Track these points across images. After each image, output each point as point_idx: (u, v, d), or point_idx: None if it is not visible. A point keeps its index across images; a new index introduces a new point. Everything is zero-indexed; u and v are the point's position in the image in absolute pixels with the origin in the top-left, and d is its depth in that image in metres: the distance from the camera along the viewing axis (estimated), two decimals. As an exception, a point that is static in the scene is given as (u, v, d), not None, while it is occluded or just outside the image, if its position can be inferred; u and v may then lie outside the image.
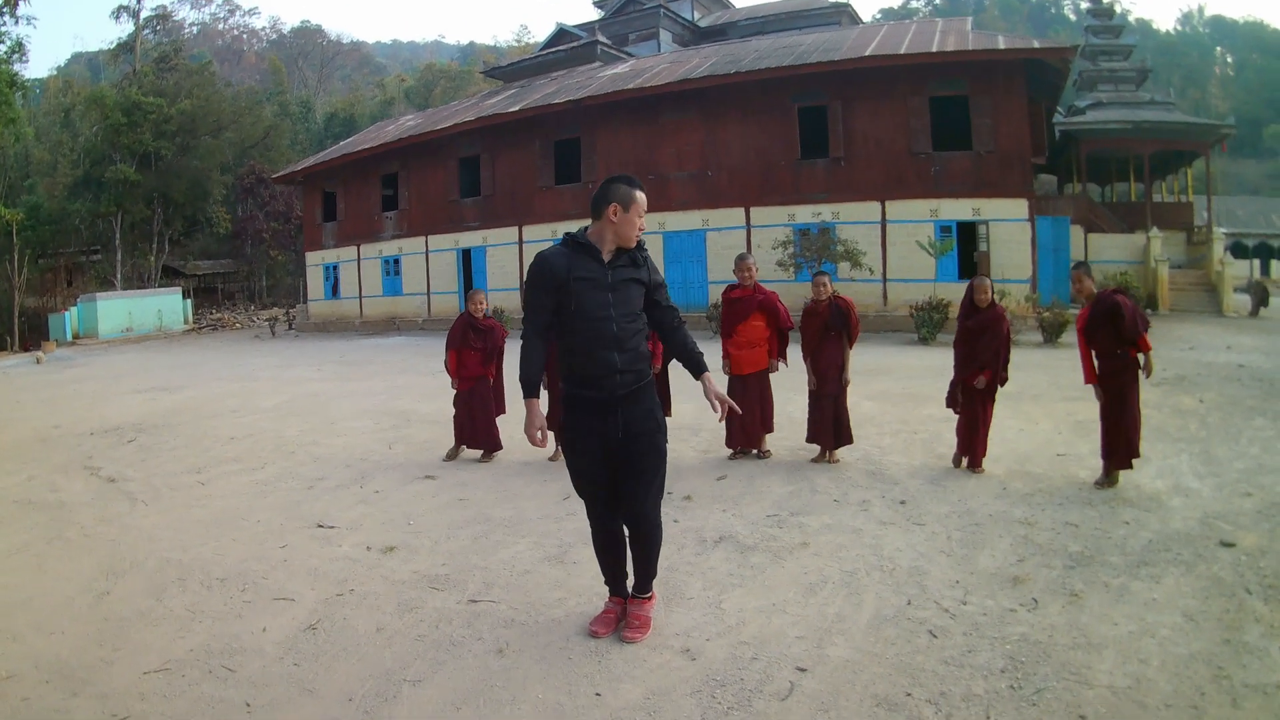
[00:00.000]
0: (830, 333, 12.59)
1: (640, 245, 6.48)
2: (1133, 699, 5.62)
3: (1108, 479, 10.81)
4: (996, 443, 12.30)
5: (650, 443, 6.45)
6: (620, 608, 6.93)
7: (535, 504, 10.81)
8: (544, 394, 9.81)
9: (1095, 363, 11.10)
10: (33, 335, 54.61)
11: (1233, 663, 6.08)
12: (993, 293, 12.12)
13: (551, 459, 13.18)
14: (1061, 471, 11.74)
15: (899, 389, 19.12)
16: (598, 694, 5.83)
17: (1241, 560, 8.15)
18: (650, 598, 6.92)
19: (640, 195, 6.36)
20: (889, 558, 8.45)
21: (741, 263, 12.75)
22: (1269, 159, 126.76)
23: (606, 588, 7.07)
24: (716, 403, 6.51)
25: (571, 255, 6.34)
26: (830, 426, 12.54)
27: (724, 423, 12.27)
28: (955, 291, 25.73)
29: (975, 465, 11.85)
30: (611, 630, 6.75)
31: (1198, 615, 6.90)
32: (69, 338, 52.56)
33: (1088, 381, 11.22)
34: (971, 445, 11.88)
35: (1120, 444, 10.76)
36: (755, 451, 13.05)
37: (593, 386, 6.33)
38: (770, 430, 13.12)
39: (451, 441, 13.95)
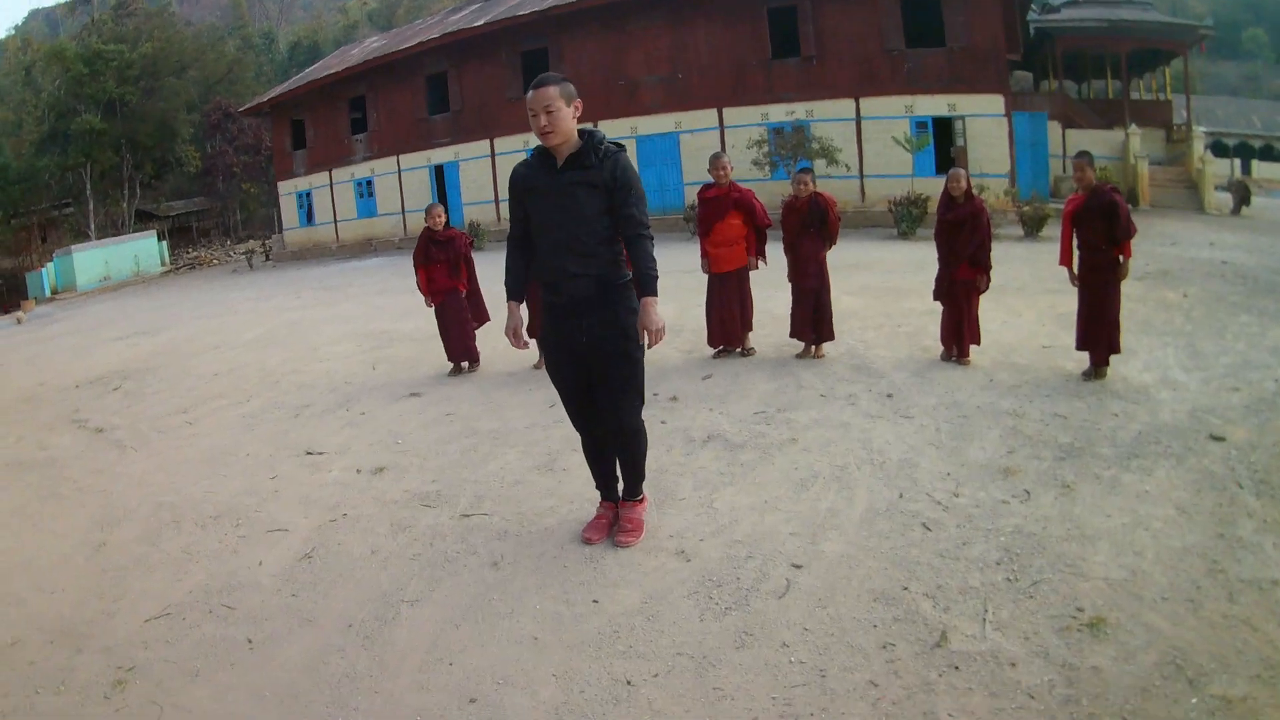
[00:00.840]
0: (809, 229, 12.52)
1: (603, 149, 6.27)
2: (1129, 591, 5.63)
3: (1096, 372, 10.81)
4: (982, 335, 12.23)
5: (617, 348, 6.38)
6: (612, 513, 6.96)
7: (521, 414, 10.85)
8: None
9: (1075, 252, 11.07)
10: (12, 296, 54.15)
11: (1227, 557, 6.08)
12: (969, 184, 11.99)
13: (535, 367, 13.15)
14: (1047, 363, 11.84)
15: (880, 283, 19.14)
16: (595, 601, 5.88)
17: (1232, 454, 8.13)
18: (641, 500, 6.93)
19: (528, 95, 6.22)
20: (878, 451, 8.51)
21: (716, 161, 12.71)
22: (1247, 61, 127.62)
23: (598, 493, 7.07)
24: (644, 332, 6.28)
25: (532, 165, 6.44)
26: (811, 321, 12.58)
27: (705, 322, 12.74)
28: (934, 186, 25.65)
29: (963, 356, 11.87)
30: (605, 536, 6.79)
31: (1190, 509, 6.90)
32: (48, 294, 52.04)
33: (1062, 263, 11.25)
34: (958, 336, 11.88)
35: (1102, 338, 10.76)
36: (738, 350, 13.04)
37: (555, 291, 6.42)
38: (750, 328, 13.11)
39: (436, 360, 14.00)
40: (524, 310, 6.69)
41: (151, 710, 5.16)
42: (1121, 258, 10.72)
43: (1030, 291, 17.37)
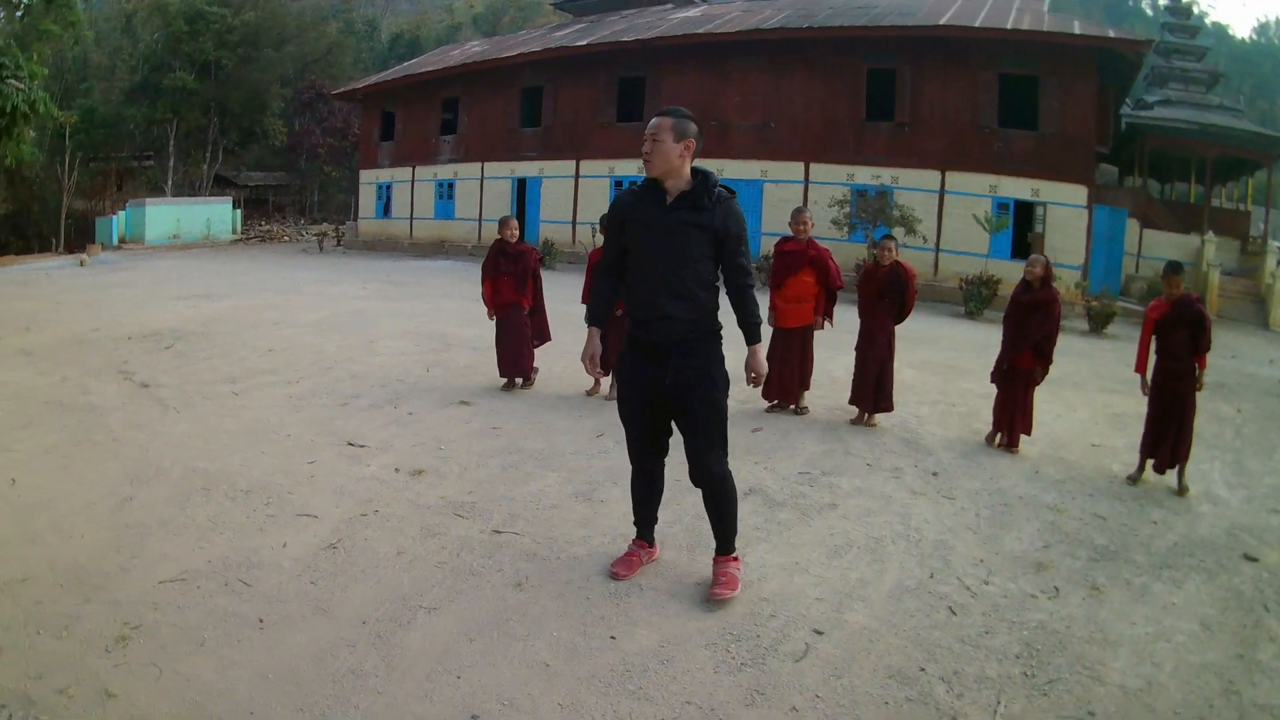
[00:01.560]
0: (885, 298, 12.53)
1: (716, 190, 6.21)
2: (1143, 702, 5.60)
3: (1138, 475, 10.79)
4: (1034, 426, 12.14)
5: (705, 395, 6.29)
6: (643, 551, 6.97)
7: (569, 438, 10.87)
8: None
9: (1152, 359, 11.01)
10: (79, 238, 54.42)
11: (1244, 679, 6.03)
12: (1046, 271, 11.91)
13: (589, 393, 13.33)
14: (1095, 462, 11.67)
15: (941, 359, 19.15)
16: (612, 637, 5.88)
17: (1263, 576, 8.08)
18: (735, 558, 6.76)
19: (651, 120, 6.24)
20: (916, 528, 8.47)
21: (798, 215, 12.81)
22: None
23: (634, 528, 7.07)
24: (751, 375, 6.46)
25: (639, 196, 6.36)
26: (872, 390, 12.53)
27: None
28: (1007, 269, 25.62)
29: (1012, 444, 11.79)
30: (632, 574, 6.77)
31: (1215, 625, 6.85)
32: (115, 242, 52.10)
33: (1138, 370, 11.16)
34: (1009, 424, 11.82)
35: (1167, 446, 10.64)
36: (792, 407, 13.05)
37: (645, 329, 6.33)
38: (808, 387, 13.14)
39: (487, 371, 14.01)
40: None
41: (150, 671, 5.25)
42: (1199, 368, 10.68)
43: (1088, 388, 17.29)
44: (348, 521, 7.62)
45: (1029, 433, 11.92)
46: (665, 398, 6.33)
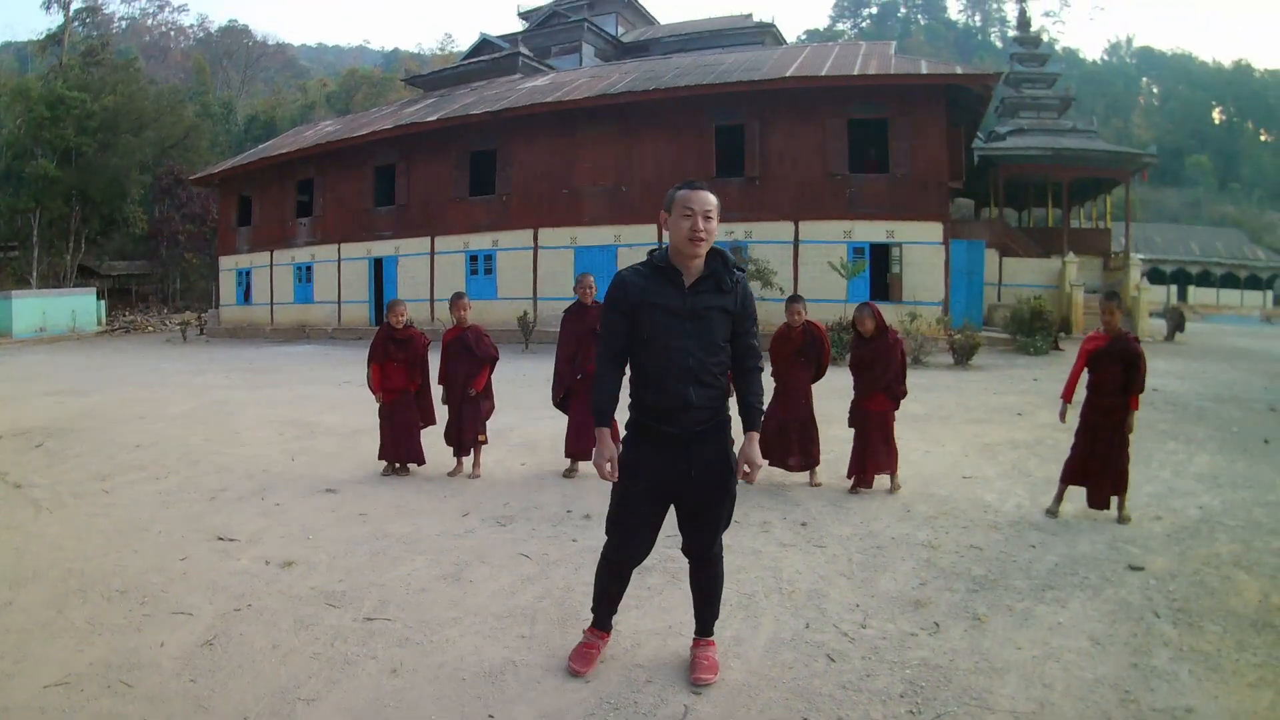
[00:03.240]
0: (801, 358, 12.57)
1: (733, 270, 5.97)
2: None
3: (1121, 512, 10.72)
4: (902, 465, 12.31)
5: (722, 484, 6.10)
6: (602, 642, 6.67)
7: (434, 520, 10.75)
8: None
9: (1083, 390, 11.12)
10: (-56, 333, 53.35)
11: (1140, 686, 6.15)
12: (878, 320, 12.09)
13: (450, 474, 13.29)
14: (967, 494, 11.84)
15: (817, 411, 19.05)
16: (490, 716, 5.79)
17: (1150, 584, 8.27)
18: (713, 641, 6.60)
19: (683, 194, 5.87)
20: (788, 580, 8.44)
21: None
22: (1190, 188, 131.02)
23: (591, 615, 6.77)
24: (745, 467, 6.00)
25: (649, 277, 5.98)
26: (798, 449, 12.50)
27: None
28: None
29: (866, 484, 11.99)
30: (592, 668, 6.46)
31: (1104, 639, 6.96)
32: (-20, 337, 51.26)
33: (1064, 397, 11.16)
34: (871, 466, 11.94)
35: (1098, 479, 10.73)
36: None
37: (665, 420, 5.97)
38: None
39: (361, 458, 13.84)
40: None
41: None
42: (1131, 409, 10.75)
43: (955, 420, 17.53)
44: (222, 617, 7.47)
45: (894, 470, 12.03)
46: (681, 489, 6.12)
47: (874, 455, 11.96)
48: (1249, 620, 7.38)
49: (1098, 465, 10.70)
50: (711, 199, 5.83)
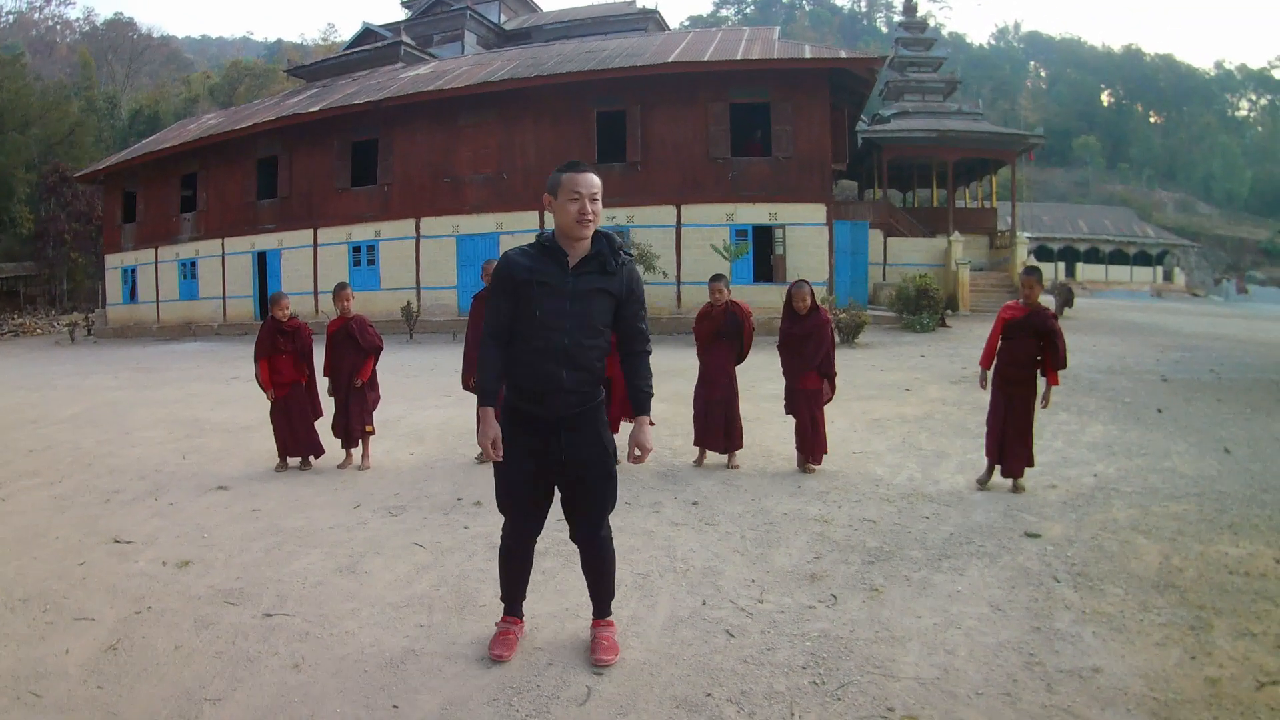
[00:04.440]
0: (722, 338, 12.60)
1: (619, 252, 5.97)
2: (941, 688, 5.71)
3: (1015, 485, 10.87)
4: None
5: (602, 468, 6.10)
6: (518, 628, 6.67)
7: (327, 513, 10.69)
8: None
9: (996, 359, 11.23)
10: None
11: (1044, 649, 6.24)
12: (813, 298, 12.13)
13: (341, 466, 13.20)
14: (858, 468, 12.04)
15: (689, 390, 18.94)
16: (395, 706, 5.76)
17: (1048, 550, 8.42)
18: (612, 621, 6.60)
19: (568, 176, 5.83)
20: (682, 559, 8.50)
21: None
22: (1078, 168, 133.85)
23: (503, 605, 6.73)
24: (635, 451, 6.03)
25: (535, 257, 5.91)
26: (721, 431, 12.56)
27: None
28: (750, 294, 26.17)
29: (817, 462, 12.02)
30: (513, 652, 6.44)
31: (1005, 605, 7.08)
32: None
33: (983, 364, 11.35)
34: (814, 445, 11.99)
35: (1021, 453, 10.87)
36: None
37: (534, 402, 5.96)
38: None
39: (264, 452, 13.75)
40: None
41: (-47, 797, 4.98)
42: (1046, 382, 10.91)
43: (843, 397, 17.30)
44: (124, 621, 7.35)
45: (826, 450, 12.09)
46: (556, 473, 6.12)
47: (819, 433, 12.05)
48: (1150, 582, 7.55)
49: (1012, 435, 10.86)
50: (596, 181, 5.85)
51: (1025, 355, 10.87)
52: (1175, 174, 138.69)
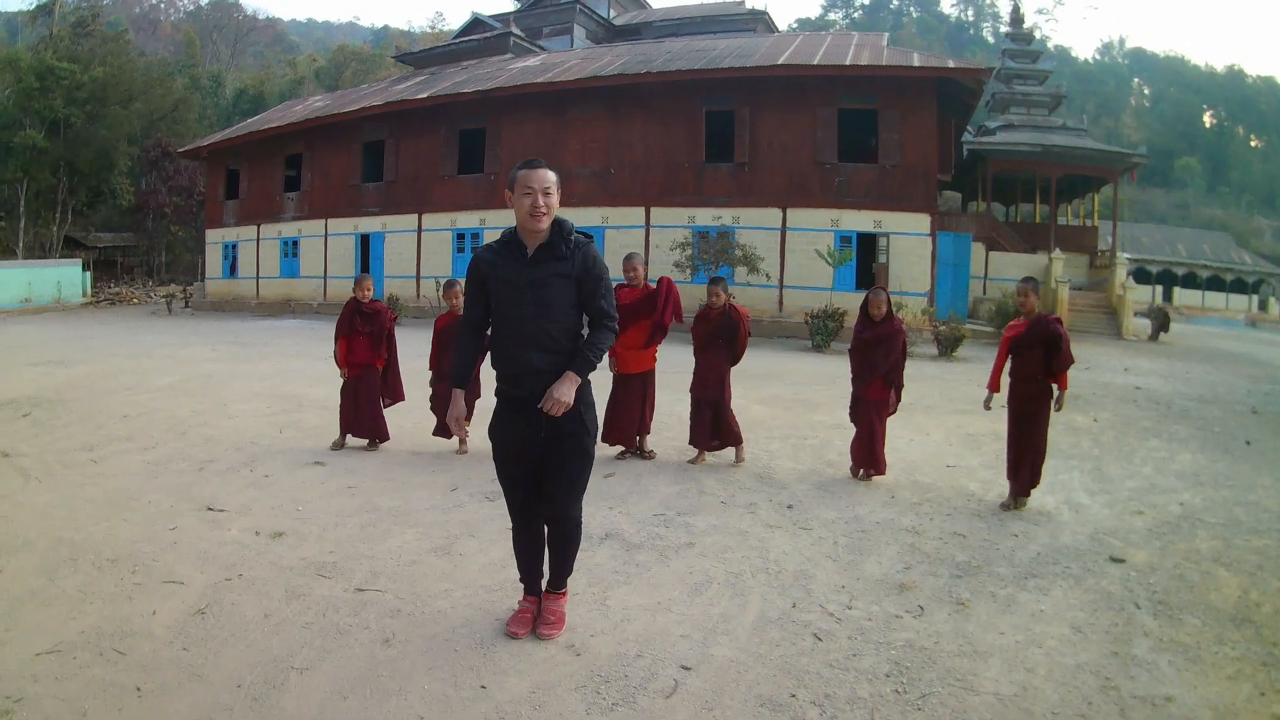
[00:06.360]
0: (717, 340, 12.56)
1: (572, 237, 6.24)
2: (1019, 707, 5.65)
3: (1015, 501, 10.69)
4: (887, 452, 12.19)
5: (575, 444, 6.31)
6: (535, 606, 6.81)
7: (424, 494, 10.74)
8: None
9: (1007, 379, 11.02)
10: (-74, 305, 52.69)
11: (1121, 674, 6.15)
12: (889, 305, 11.97)
13: (459, 451, 13.13)
14: (950, 482, 11.85)
15: (790, 394, 19.19)
16: (483, 686, 5.79)
17: (1131, 576, 8.26)
18: (564, 594, 6.81)
19: (523, 173, 6.19)
20: (775, 561, 8.45)
21: (628, 262, 12.84)
22: (1178, 189, 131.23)
23: (521, 585, 6.92)
24: (549, 400, 6.12)
25: (498, 253, 6.33)
26: (710, 430, 12.55)
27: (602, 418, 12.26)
28: (852, 301, 25.84)
29: (880, 472, 11.81)
30: (529, 630, 6.64)
31: (1085, 627, 6.97)
32: (-35, 308, 50.70)
33: (991, 387, 11.17)
34: (870, 457, 11.80)
35: (1026, 468, 10.63)
36: (635, 452, 12.97)
37: (515, 385, 6.27)
38: (648, 431, 13.03)
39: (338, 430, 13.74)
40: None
41: (34, 744, 5.12)
42: (1056, 388, 10.67)
43: (940, 411, 17.49)
44: (213, 586, 7.46)
45: (883, 464, 11.88)
46: (539, 449, 6.30)
47: (879, 444, 11.87)
48: (1228, 615, 7.43)
49: (1025, 452, 10.68)
50: (550, 176, 6.19)
51: (1035, 369, 10.67)
52: (1275, 200, 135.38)
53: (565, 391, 6.13)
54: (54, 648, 6.25)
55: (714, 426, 12.57)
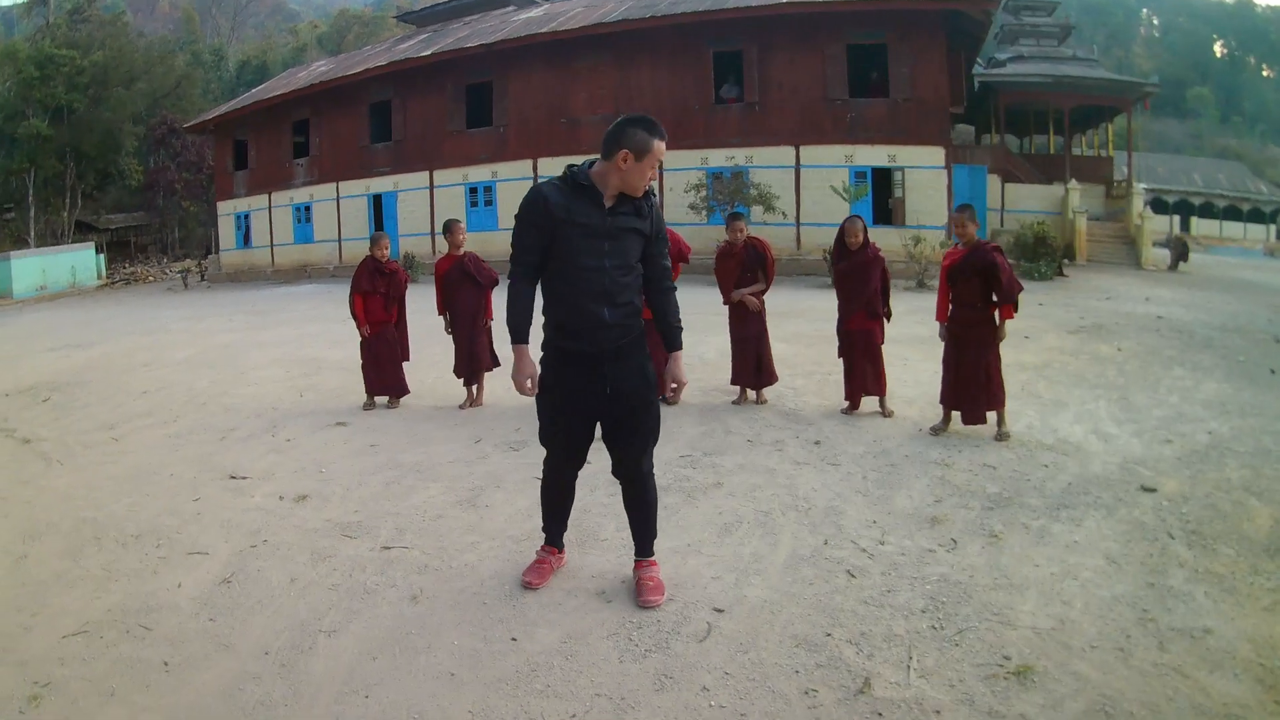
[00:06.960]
0: (747, 274, 12.45)
1: (649, 194, 6.01)
2: (1057, 640, 5.61)
3: (999, 432, 10.67)
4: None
5: (643, 400, 6.13)
6: (553, 558, 6.75)
7: (446, 449, 10.73)
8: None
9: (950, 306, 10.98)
10: (-55, 301, 52.90)
11: (1157, 606, 6.11)
12: (865, 234, 11.94)
13: (462, 407, 13.12)
14: None
15: (812, 330, 19.13)
16: (514, 639, 5.77)
17: (1163, 505, 8.21)
18: (655, 561, 6.54)
19: (659, 145, 5.78)
20: (804, 498, 8.47)
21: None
22: (1192, 119, 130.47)
23: (543, 535, 6.84)
24: (672, 384, 6.21)
25: (569, 195, 5.85)
26: (753, 368, 12.47)
27: None
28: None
29: (854, 407, 11.97)
30: (545, 581, 6.57)
31: (1120, 558, 6.94)
32: (-18, 300, 50.85)
33: (939, 318, 11.13)
34: (862, 388, 11.92)
35: (980, 399, 10.67)
36: (663, 397, 12.74)
37: (579, 339, 5.96)
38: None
39: (362, 390, 13.70)
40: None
41: (65, 727, 5.08)
42: (999, 317, 10.63)
43: None
44: (238, 554, 7.47)
45: (883, 393, 11.93)
46: (602, 406, 6.10)
47: (859, 375, 11.91)
48: (1261, 545, 7.35)
49: (966, 381, 10.67)
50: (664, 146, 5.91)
51: (971, 296, 10.62)
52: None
53: (683, 372, 6.24)
54: (80, 629, 6.24)
55: (755, 364, 12.48)
